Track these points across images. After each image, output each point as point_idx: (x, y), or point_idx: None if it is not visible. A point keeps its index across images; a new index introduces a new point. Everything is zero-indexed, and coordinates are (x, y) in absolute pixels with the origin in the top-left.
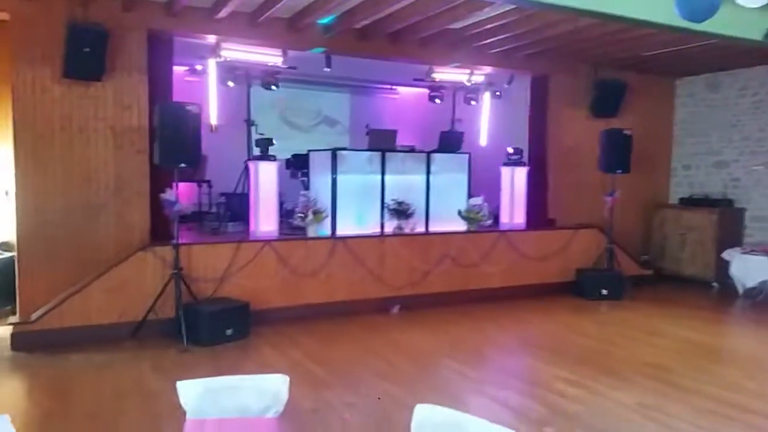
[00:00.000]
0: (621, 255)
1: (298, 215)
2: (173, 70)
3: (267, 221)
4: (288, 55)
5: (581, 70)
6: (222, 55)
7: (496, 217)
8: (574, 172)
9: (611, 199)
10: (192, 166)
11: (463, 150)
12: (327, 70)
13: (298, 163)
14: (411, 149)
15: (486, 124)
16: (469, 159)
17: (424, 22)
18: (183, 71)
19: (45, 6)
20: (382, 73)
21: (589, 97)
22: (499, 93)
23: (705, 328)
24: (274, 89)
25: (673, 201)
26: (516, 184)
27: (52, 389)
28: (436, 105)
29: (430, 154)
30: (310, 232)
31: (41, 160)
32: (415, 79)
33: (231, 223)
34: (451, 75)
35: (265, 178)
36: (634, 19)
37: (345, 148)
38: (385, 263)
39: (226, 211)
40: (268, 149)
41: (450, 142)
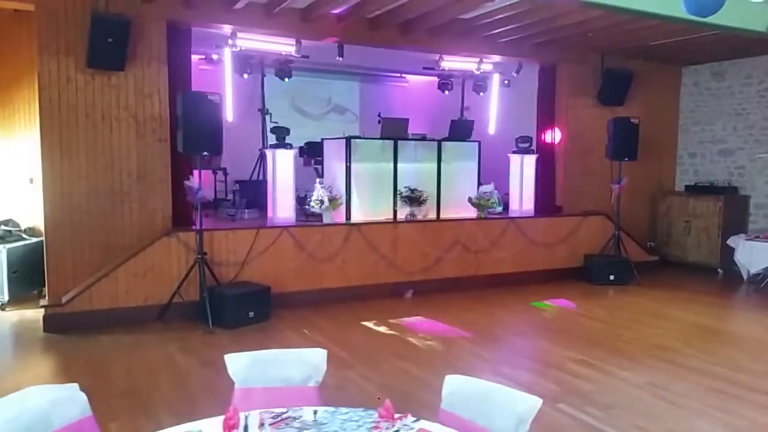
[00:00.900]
0: (627, 241)
1: (315, 201)
2: (191, 59)
3: (284, 208)
4: (302, 44)
5: (589, 59)
6: (237, 45)
7: (505, 204)
8: (582, 160)
9: (618, 187)
10: (215, 153)
11: (472, 138)
12: (339, 59)
13: (311, 151)
14: (422, 137)
15: (495, 113)
16: (479, 147)
17: (435, 12)
18: (197, 60)
19: None
20: (391, 62)
21: (596, 85)
22: (508, 82)
23: (711, 312)
24: (287, 80)
25: (679, 188)
26: (525, 171)
27: (88, 368)
28: (446, 94)
29: (441, 142)
30: (326, 219)
31: (66, 148)
32: (425, 67)
33: (247, 210)
34: (460, 64)
35: (282, 166)
36: (642, 12)
37: (359, 137)
38: (398, 249)
39: (242, 198)
40: (284, 138)
41: (460, 130)
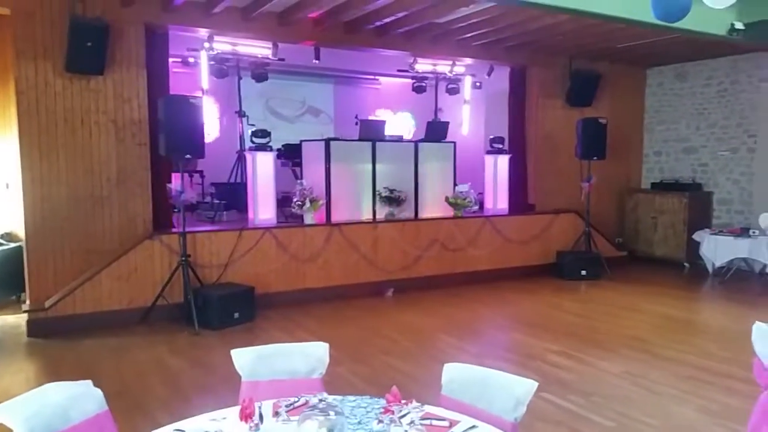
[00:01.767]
0: (598, 237)
1: (296, 203)
2: (169, 63)
3: (265, 210)
4: (278, 47)
5: (557, 62)
6: (214, 48)
7: (480, 203)
8: (553, 159)
9: (588, 185)
10: (197, 156)
11: (447, 139)
12: (316, 62)
13: (289, 153)
14: (399, 139)
15: (467, 114)
16: (455, 147)
17: (410, 16)
18: (172, 62)
19: (45, 0)
20: (366, 64)
21: (565, 87)
22: (479, 84)
23: (679, 304)
24: (264, 82)
25: (646, 186)
26: (499, 171)
27: (77, 371)
28: (419, 95)
29: (417, 143)
30: (307, 220)
31: (46, 153)
32: (399, 70)
33: (226, 212)
34: (433, 66)
35: (263, 168)
36: (610, 16)
37: (338, 138)
38: (378, 249)
39: (220, 201)
40: (268, 140)
41: (436, 131)
